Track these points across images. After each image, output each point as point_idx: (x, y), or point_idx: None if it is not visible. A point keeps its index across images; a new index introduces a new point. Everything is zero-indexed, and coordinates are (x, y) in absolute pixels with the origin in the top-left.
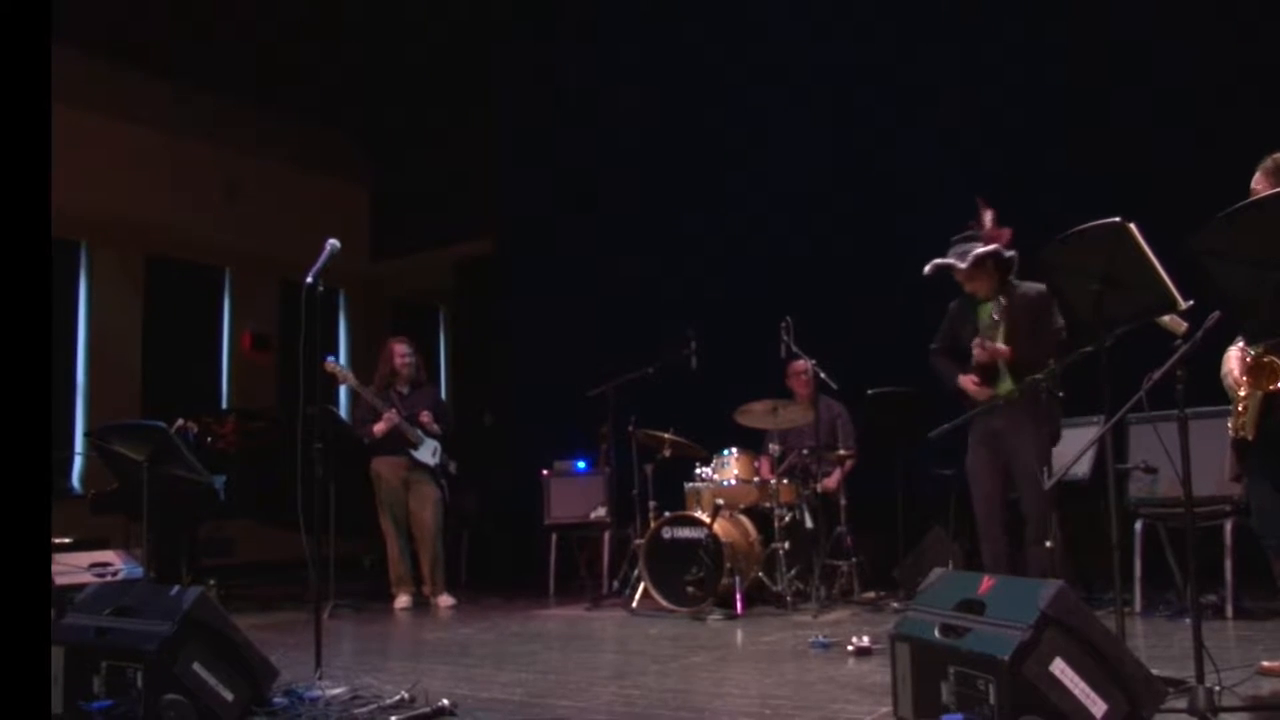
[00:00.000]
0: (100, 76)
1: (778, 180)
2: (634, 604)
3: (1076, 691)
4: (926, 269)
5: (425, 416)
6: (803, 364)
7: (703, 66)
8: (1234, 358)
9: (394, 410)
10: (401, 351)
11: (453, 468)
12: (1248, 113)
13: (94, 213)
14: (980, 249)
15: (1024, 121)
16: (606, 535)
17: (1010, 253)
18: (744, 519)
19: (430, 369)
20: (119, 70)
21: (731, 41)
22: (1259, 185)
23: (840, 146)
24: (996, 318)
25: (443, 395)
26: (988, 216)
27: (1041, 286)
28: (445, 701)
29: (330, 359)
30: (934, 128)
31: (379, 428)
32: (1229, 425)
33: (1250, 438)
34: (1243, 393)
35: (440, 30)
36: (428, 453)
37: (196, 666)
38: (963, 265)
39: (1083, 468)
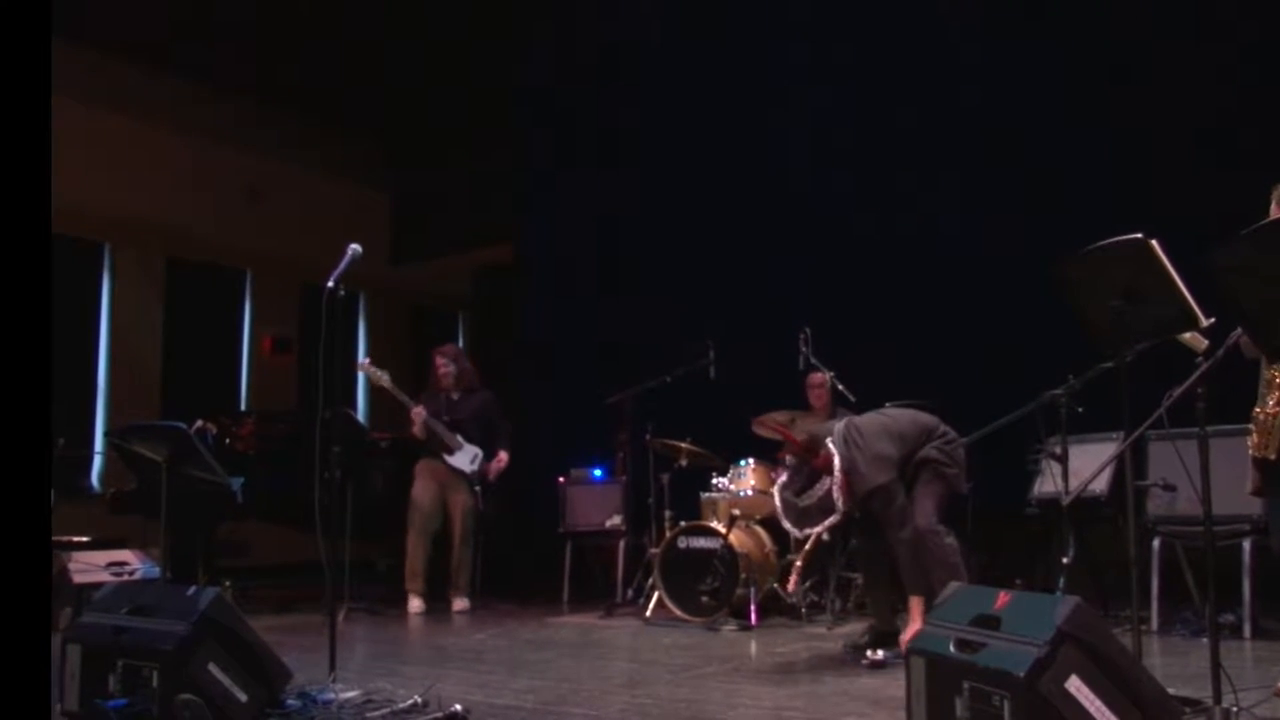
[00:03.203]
0: (123, 79)
1: (798, 189)
2: (648, 613)
3: (1092, 709)
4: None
5: (494, 469)
6: (821, 376)
7: (725, 72)
8: None
9: (420, 408)
10: (439, 363)
11: (493, 476)
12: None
13: (116, 214)
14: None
15: (1036, 128)
16: (622, 544)
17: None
18: (759, 530)
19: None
20: (143, 73)
21: (753, 48)
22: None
23: (859, 153)
24: None
25: (499, 404)
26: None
27: None
28: (458, 707)
29: (365, 359)
30: (947, 134)
31: (415, 429)
32: (1249, 443)
33: (1273, 457)
34: (1270, 409)
35: (462, 35)
36: (465, 460)
37: (211, 667)
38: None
39: (1101, 484)
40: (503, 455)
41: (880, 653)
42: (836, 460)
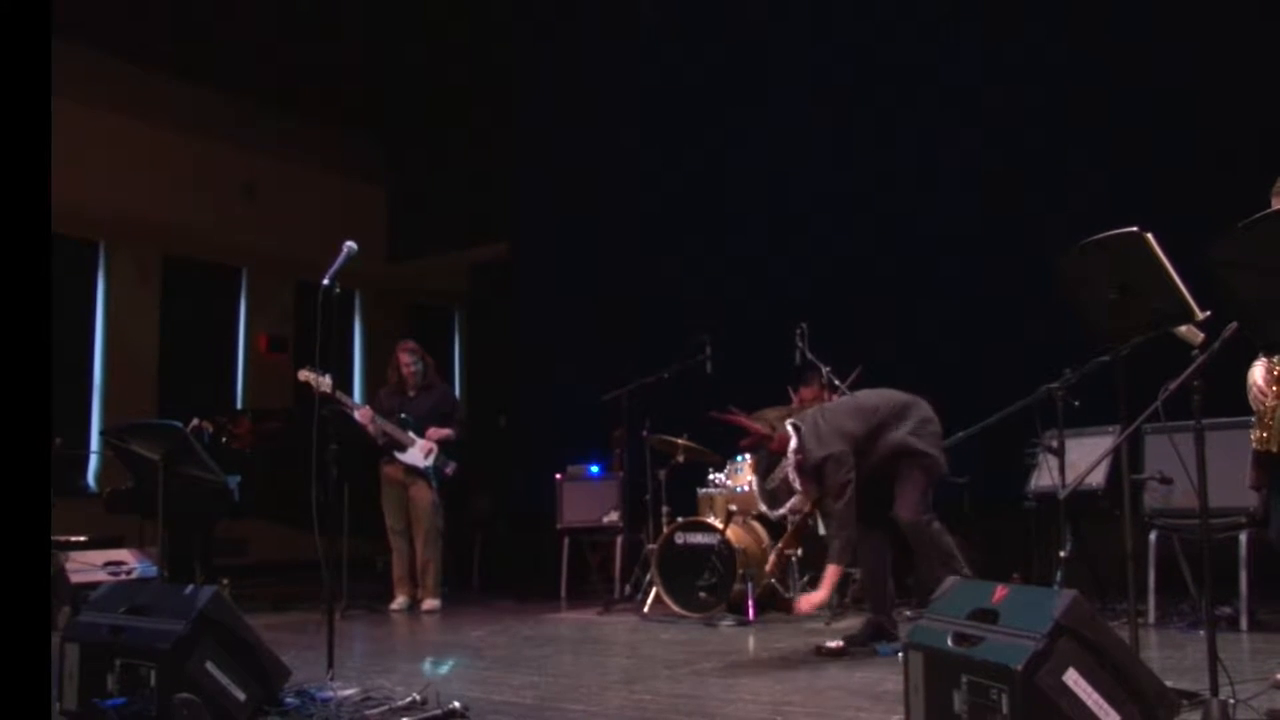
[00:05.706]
0: (119, 76)
1: (795, 185)
2: (646, 609)
3: (1090, 702)
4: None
5: (433, 433)
6: (812, 390)
7: (724, 70)
8: (1259, 372)
9: (367, 409)
10: (405, 361)
11: (450, 469)
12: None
13: (112, 212)
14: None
15: (1032, 125)
16: (619, 540)
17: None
18: (757, 525)
19: (445, 371)
20: (138, 70)
21: (753, 42)
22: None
23: (856, 151)
24: None
25: (456, 395)
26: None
27: None
28: (457, 704)
29: (304, 368)
30: (946, 130)
31: (369, 429)
32: (1252, 437)
33: (1275, 450)
34: (1270, 403)
35: (459, 32)
36: (419, 455)
37: (209, 665)
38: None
39: (1098, 478)
40: (448, 430)
41: (840, 641)
42: (792, 442)
